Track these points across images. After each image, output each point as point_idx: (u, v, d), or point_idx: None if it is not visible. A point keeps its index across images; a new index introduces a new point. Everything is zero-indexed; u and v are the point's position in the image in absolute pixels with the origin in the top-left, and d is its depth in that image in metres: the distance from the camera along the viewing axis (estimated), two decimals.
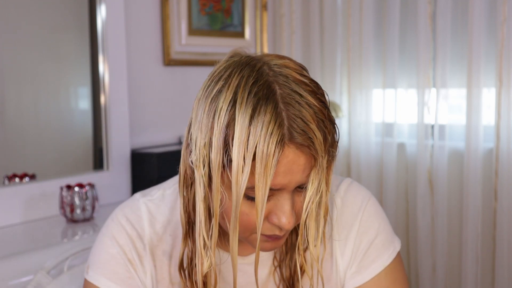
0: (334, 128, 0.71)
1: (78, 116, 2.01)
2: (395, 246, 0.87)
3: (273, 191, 0.69)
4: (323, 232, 0.77)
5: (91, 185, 1.74)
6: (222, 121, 0.67)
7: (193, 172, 0.74)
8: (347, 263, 0.86)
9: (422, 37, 2.17)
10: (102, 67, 1.95)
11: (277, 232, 0.73)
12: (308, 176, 0.69)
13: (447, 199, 2.18)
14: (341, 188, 0.88)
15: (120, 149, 2.00)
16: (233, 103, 0.67)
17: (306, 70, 0.73)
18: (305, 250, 0.80)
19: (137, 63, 2.12)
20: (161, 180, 0.89)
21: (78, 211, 1.70)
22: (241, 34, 2.49)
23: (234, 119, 0.66)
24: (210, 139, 0.68)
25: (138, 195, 0.88)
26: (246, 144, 0.65)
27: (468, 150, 2.08)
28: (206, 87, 0.72)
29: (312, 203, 0.70)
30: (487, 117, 2.11)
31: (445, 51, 2.13)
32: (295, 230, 0.82)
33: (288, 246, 0.83)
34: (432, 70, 2.19)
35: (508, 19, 1.96)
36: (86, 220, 1.72)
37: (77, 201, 1.70)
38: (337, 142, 0.72)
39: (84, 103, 2.01)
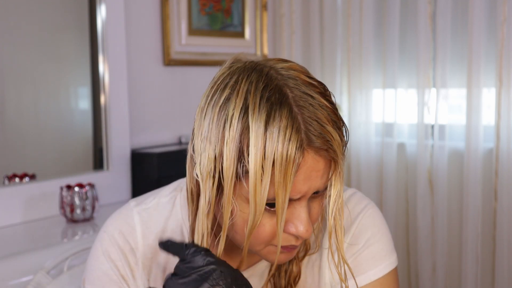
0: (346, 129, 0.69)
1: (78, 116, 2.01)
2: (391, 262, 0.81)
3: (291, 200, 0.67)
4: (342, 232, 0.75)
5: (91, 185, 1.74)
6: (234, 129, 0.64)
7: (198, 185, 0.71)
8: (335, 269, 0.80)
9: (422, 37, 2.17)
10: (102, 67, 1.95)
11: (293, 242, 0.70)
12: (326, 182, 0.68)
13: (447, 199, 2.18)
14: (344, 196, 0.84)
15: (120, 149, 2.00)
16: (245, 109, 0.64)
17: (310, 73, 0.71)
18: (301, 258, 0.80)
19: (137, 63, 2.12)
20: (161, 180, 0.88)
21: (78, 211, 1.70)
22: (241, 34, 2.49)
23: (248, 127, 0.63)
24: (221, 149, 0.65)
25: (132, 203, 0.85)
26: (263, 151, 0.62)
27: (468, 150, 2.08)
28: (211, 96, 0.68)
29: (337, 208, 0.69)
30: (487, 117, 2.11)
31: (445, 51, 2.13)
32: None
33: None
34: (432, 70, 2.19)
35: (508, 19, 1.96)
36: (86, 220, 1.72)
37: (77, 201, 1.70)
38: (347, 143, 0.70)
39: (84, 103, 2.01)
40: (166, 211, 0.83)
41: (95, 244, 0.83)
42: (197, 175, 0.69)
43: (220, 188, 0.67)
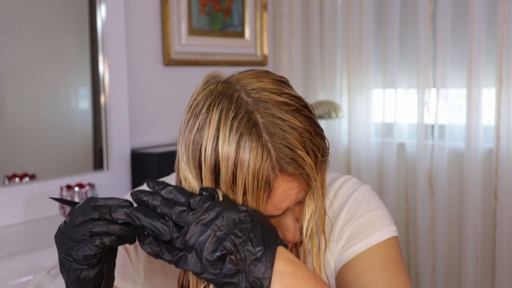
0: (323, 137, 0.70)
1: (78, 116, 2.01)
2: (389, 230, 0.82)
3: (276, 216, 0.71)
4: (323, 231, 0.77)
5: (91, 185, 1.74)
6: (208, 159, 0.66)
7: None
8: (334, 246, 0.82)
9: (422, 37, 2.17)
10: (102, 67, 1.95)
11: None
12: (305, 193, 0.70)
13: (447, 199, 2.18)
14: (336, 183, 0.86)
15: (120, 149, 2.00)
16: (216, 141, 0.66)
17: (286, 83, 0.71)
18: (299, 243, 0.81)
19: (137, 63, 2.12)
20: None
21: None
22: (241, 34, 2.49)
23: (219, 157, 0.66)
24: (200, 176, 0.68)
25: (147, 181, 0.89)
26: (233, 181, 0.65)
27: (468, 150, 2.08)
28: (187, 121, 0.71)
29: (313, 224, 0.72)
30: (487, 117, 2.11)
31: (445, 51, 2.13)
32: None
33: None
34: (432, 70, 2.19)
35: (508, 19, 1.96)
36: None
37: (77, 201, 1.69)
38: (328, 147, 0.71)
39: (84, 103, 2.01)
40: None
41: None
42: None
43: None
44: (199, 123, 0.68)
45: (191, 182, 0.69)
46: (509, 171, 2.00)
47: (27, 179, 1.79)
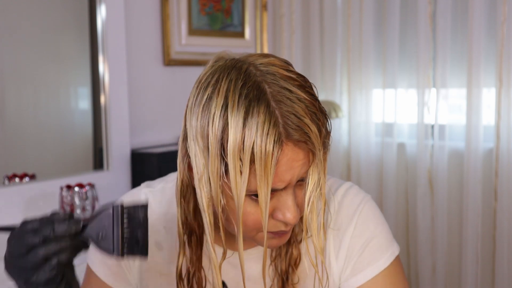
0: (327, 119, 0.71)
1: (78, 116, 2.01)
2: (393, 250, 0.84)
3: (277, 190, 0.70)
4: (323, 223, 0.78)
5: (91, 185, 1.74)
6: (216, 127, 0.66)
7: (190, 182, 0.75)
8: (342, 266, 0.83)
9: (422, 37, 2.17)
10: (102, 67, 1.95)
11: (282, 228, 0.73)
12: (307, 170, 0.70)
13: (447, 199, 2.18)
14: (339, 192, 0.86)
15: (120, 149, 2.00)
16: (225, 107, 0.66)
17: (291, 65, 0.73)
18: (300, 241, 0.82)
19: (137, 63, 2.12)
20: None
21: (78, 211, 1.70)
22: (241, 34, 2.49)
23: (227, 124, 0.66)
24: (207, 147, 0.68)
25: (143, 184, 0.91)
26: (241, 146, 0.65)
27: (468, 150, 2.08)
28: (196, 95, 0.71)
29: (315, 197, 0.71)
30: (487, 117, 2.11)
31: (445, 51, 2.13)
32: None
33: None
34: (432, 70, 2.19)
35: (508, 19, 1.96)
36: (86, 220, 1.71)
37: (77, 201, 1.70)
38: (330, 132, 0.72)
39: (84, 103, 2.01)
40: (170, 195, 0.87)
41: None
42: (188, 173, 0.74)
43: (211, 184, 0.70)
44: (208, 94, 0.69)
45: (198, 158, 0.69)
46: (509, 171, 2.00)
47: (27, 179, 1.79)
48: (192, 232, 0.79)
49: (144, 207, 0.68)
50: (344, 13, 2.45)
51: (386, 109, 2.34)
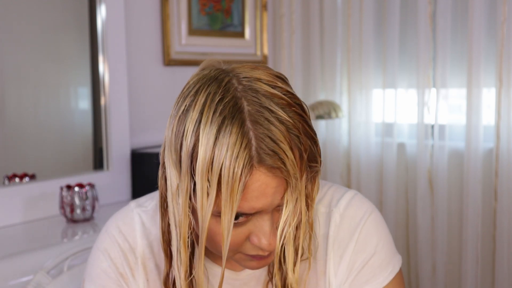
0: (315, 141, 0.66)
1: (78, 116, 2.01)
2: (394, 265, 0.81)
3: (250, 214, 0.66)
4: (309, 249, 0.74)
5: (91, 185, 1.74)
6: (188, 142, 0.63)
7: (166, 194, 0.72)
8: (340, 282, 0.80)
9: (422, 37, 2.17)
10: (102, 67, 1.95)
11: (260, 253, 0.69)
12: (283, 197, 0.65)
13: (447, 199, 2.18)
14: (341, 203, 0.82)
15: (120, 149, 2.00)
16: (199, 123, 0.63)
17: (284, 80, 0.68)
18: (294, 264, 0.78)
19: (137, 63, 2.12)
20: None
21: (78, 211, 1.70)
22: (241, 34, 2.49)
23: (198, 140, 0.62)
24: (179, 161, 0.65)
25: (133, 204, 0.86)
26: (210, 166, 0.61)
27: (468, 150, 2.08)
28: (176, 104, 0.68)
29: (289, 226, 0.66)
30: (487, 117, 2.11)
31: (445, 51, 2.13)
32: None
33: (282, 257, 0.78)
34: (432, 70, 2.19)
35: (508, 19, 1.96)
36: (86, 220, 1.72)
37: (77, 201, 1.70)
38: (320, 155, 0.67)
39: (84, 103, 2.01)
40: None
41: (96, 244, 0.85)
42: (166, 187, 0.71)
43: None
44: (185, 105, 0.66)
45: (170, 171, 0.67)
46: (509, 171, 2.00)
47: (27, 179, 1.79)
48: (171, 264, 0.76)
49: None
50: (344, 13, 2.45)
51: (386, 109, 2.34)
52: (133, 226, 0.83)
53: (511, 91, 1.98)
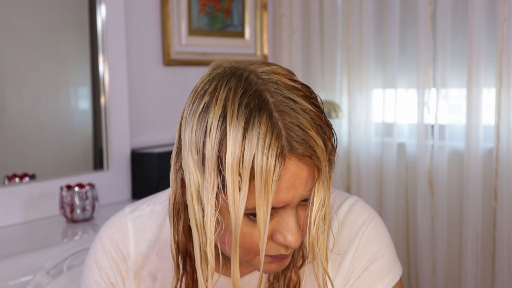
0: (332, 133, 0.66)
1: (78, 116, 2.01)
2: (395, 274, 0.80)
3: (276, 209, 0.64)
4: (326, 245, 0.72)
5: (91, 185, 1.74)
6: (213, 138, 0.61)
7: (183, 199, 0.70)
8: (338, 286, 0.79)
9: (422, 37, 2.17)
10: (102, 67, 1.95)
11: (282, 252, 0.68)
12: (311, 189, 0.64)
13: (447, 199, 2.18)
14: (342, 210, 0.81)
15: (120, 149, 2.00)
16: (224, 117, 0.61)
17: (295, 75, 0.68)
18: (300, 267, 0.77)
19: (137, 63, 2.12)
20: (161, 180, 0.89)
21: (78, 211, 1.70)
22: (241, 34, 2.49)
23: (226, 135, 0.60)
24: (203, 160, 0.63)
25: (127, 209, 0.85)
26: (241, 160, 0.60)
27: (468, 150, 2.08)
28: (191, 104, 0.67)
29: (320, 217, 0.65)
30: (487, 117, 2.11)
31: (445, 51, 2.13)
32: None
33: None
34: (432, 70, 2.19)
35: (508, 19, 1.96)
36: (86, 220, 1.72)
37: (77, 201, 1.70)
38: (336, 148, 0.66)
39: (84, 103, 2.01)
40: (160, 218, 0.82)
41: (89, 252, 0.85)
42: (181, 190, 0.69)
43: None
44: (205, 103, 0.64)
45: (192, 172, 0.64)
46: (509, 171, 2.00)
47: (27, 179, 1.79)
48: (186, 253, 0.74)
49: None
50: (344, 13, 2.45)
51: (386, 109, 2.34)
52: (126, 233, 0.81)
53: (511, 91, 1.98)
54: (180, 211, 0.71)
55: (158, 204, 0.83)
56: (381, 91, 2.36)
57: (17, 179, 1.77)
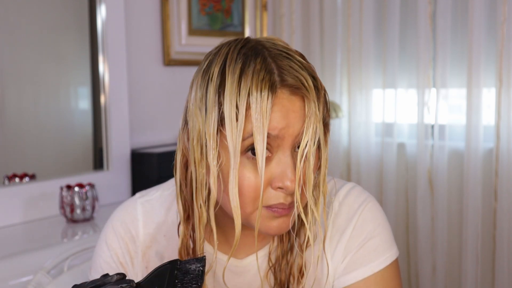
0: (325, 95, 0.72)
1: (78, 116, 2.01)
2: (391, 254, 0.82)
3: (273, 148, 0.69)
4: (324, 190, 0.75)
5: (91, 185, 1.74)
6: (215, 81, 0.69)
7: (188, 152, 0.74)
8: (336, 263, 0.82)
9: (422, 37, 2.17)
10: (102, 67, 1.95)
11: (281, 200, 0.70)
12: (303, 125, 0.70)
13: (447, 199, 2.18)
14: (341, 193, 0.85)
15: (120, 149, 2.00)
16: (224, 64, 0.69)
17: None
18: (306, 248, 0.80)
19: (137, 63, 2.12)
20: (162, 180, 0.91)
21: (78, 211, 1.70)
22: (241, 34, 2.49)
23: (225, 75, 0.68)
24: (205, 103, 0.69)
25: (138, 195, 0.89)
26: (238, 93, 0.66)
27: (468, 150, 2.08)
28: (198, 69, 0.74)
29: (310, 153, 0.69)
30: (487, 117, 2.11)
31: (445, 51, 2.13)
32: (293, 231, 0.79)
33: (285, 249, 0.81)
34: (432, 70, 2.19)
35: (508, 19, 1.96)
36: (86, 220, 1.72)
37: (77, 201, 1.70)
38: (329, 111, 0.73)
39: (84, 103, 2.01)
40: (168, 202, 0.86)
41: (101, 234, 0.89)
42: (187, 139, 0.74)
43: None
44: (209, 60, 0.72)
45: (195, 116, 0.70)
46: (509, 171, 2.00)
47: (27, 179, 1.79)
48: (191, 210, 0.77)
49: (200, 260, 0.65)
50: (344, 13, 2.45)
51: (386, 109, 2.34)
52: (135, 216, 0.86)
53: (511, 91, 1.98)
54: (187, 164, 0.76)
55: (167, 190, 0.88)
56: (381, 91, 2.36)
57: (17, 179, 1.77)
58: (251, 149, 0.68)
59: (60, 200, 1.70)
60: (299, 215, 0.74)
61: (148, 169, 1.98)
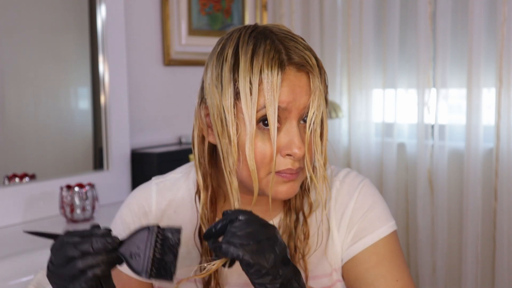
0: (325, 74, 0.82)
1: (78, 116, 2.01)
2: (392, 224, 0.90)
3: (281, 119, 0.77)
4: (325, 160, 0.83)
5: (91, 185, 1.74)
6: (229, 64, 0.77)
7: (206, 124, 0.83)
8: (343, 236, 0.89)
9: (422, 37, 2.17)
10: (102, 67, 1.95)
11: (289, 165, 0.78)
12: (309, 100, 0.79)
13: (447, 199, 2.18)
14: (341, 174, 0.93)
15: (120, 149, 2.00)
16: (237, 46, 0.78)
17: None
18: (309, 215, 0.88)
19: (137, 63, 2.12)
20: None
21: (78, 211, 1.70)
22: None
23: (239, 55, 0.77)
24: (221, 81, 0.77)
25: (154, 178, 0.98)
26: (251, 70, 0.75)
27: (468, 150, 2.08)
28: (211, 54, 0.82)
29: (316, 123, 0.79)
30: (487, 117, 2.11)
31: (445, 51, 2.13)
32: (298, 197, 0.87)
33: (292, 218, 0.88)
34: (432, 70, 2.19)
35: (508, 19, 1.96)
36: (86, 220, 1.72)
37: (77, 201, 1.70)
38: (327, 87, 0.85)
39: (84, 103, 2.01)
40: (180, 182, 0.95)
41: (117, 213, 0.97)
42: (203, 115, 0.82)
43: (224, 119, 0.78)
44: (222, 44, 0.81)
45: (212, 93, 0.78)
46: (509, 171, 2.00)
47: (27, 179, 1.79)
48: (206, 187, 0.86)
49: (178, 231, 0.71)
50: (344, 13, 2.45)
51: (386, 109, 2.34)
52: (150, 194, 0.94)
53: (511, 91, 1.98)
54: (203, 139, 0.85)
55: (179, 173, 0.97)
56: (381, 91, 2.36)
57: (17, 179, 1.77)
58: (262, 120, 0.77)
59: (60, 200, 1.70)
60: (307, 188, 0.86)
61: (148, 169, 1.98)
